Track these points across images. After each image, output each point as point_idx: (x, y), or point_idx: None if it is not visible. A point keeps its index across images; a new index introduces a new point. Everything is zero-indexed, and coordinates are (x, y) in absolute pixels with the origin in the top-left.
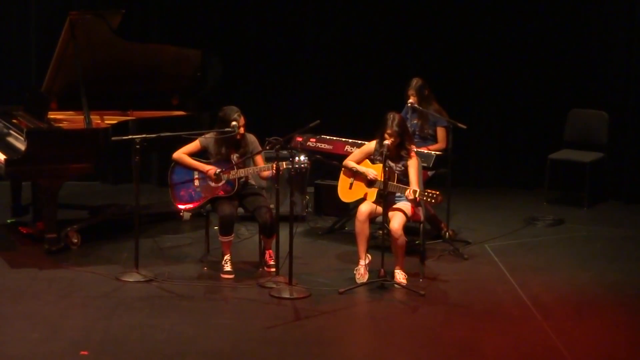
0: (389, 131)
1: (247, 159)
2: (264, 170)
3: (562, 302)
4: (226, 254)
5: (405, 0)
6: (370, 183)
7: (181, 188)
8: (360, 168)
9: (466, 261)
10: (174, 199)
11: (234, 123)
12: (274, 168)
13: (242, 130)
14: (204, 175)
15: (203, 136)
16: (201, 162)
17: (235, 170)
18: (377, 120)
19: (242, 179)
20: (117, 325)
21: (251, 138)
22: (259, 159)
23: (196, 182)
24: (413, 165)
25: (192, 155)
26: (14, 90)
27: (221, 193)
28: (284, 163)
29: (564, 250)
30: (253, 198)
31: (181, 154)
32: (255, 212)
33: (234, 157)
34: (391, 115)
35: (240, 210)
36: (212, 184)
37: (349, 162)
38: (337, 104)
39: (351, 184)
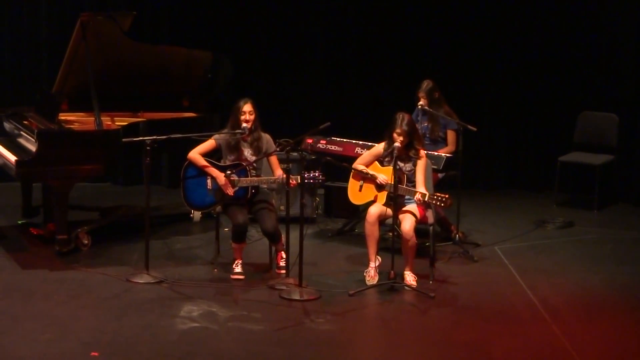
0: (398, 130)
1: (260, 159)
2: (276, 182)
3: (572, 304)
4: (237, 259)
5: (416, 3)
6: (380, 187)
7: (194, 189)
8: (370, 172)
9: (476, 263)
10: (185, 200)
11: (244, 125)
12: (284, 179)
13: (247, 117)
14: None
15: (218, 134)
16: (215, 164)
17: (249, 178)
18: (387, 122)
19: (254, 187)
20: (127, 326)
21: (266, 137)
22: (274, 159)
23: (209, 185)
24: (421, 166)
25: (208, 154)
26: (25, 91)
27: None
28: (298, 177)
29: (573, 252)
30: (259, 204)
31: (196, 154)
32: (258, 220)
33: (248, 153)
34: (400, 115)
35: None
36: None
37: (358, 165)
38: (348, 106)
39: (361, 187)
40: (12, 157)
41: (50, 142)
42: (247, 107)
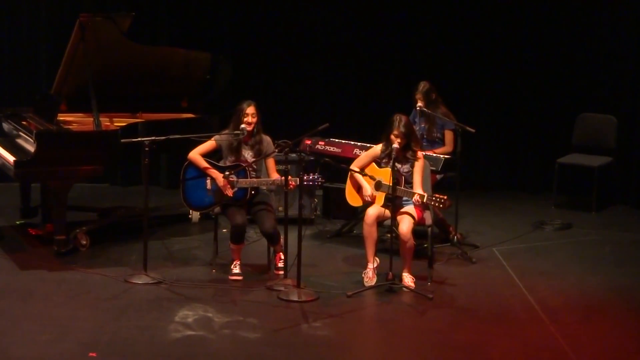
0: (395, 132)
1: (259, 161)
2: (275, 184)
3: (570, 306)
4: (236, 260)
5: (415, 5)
6: (377, 187)
7: (193, 190)
8: (361, 181)
9: (474, 265)
10: (185, 200)
11: (242, 126)
12: (283, 181)
13: (250, 119)
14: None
15: (218, 135)
16: (215, 165)
17: (248, 178)
18: (385, 123)
19: (253, 189)
20: (125, 327)
21: (267, 139)
22: (272, 163)
23: (208, 185)
24: (418, 168)
25: (208, 154)
26: (24, 91)
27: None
28: (297, 179)
29: (572, 254)
30: (258, 206)
31: (196, 154)
32: (257, 220)
33: (248, 155)
34: (397, 117)
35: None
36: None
37: (355, 167)
38: (346, 107)
39: (359, 188)
40: (10, 158)
41: (48, 142)
42: (250, 110)
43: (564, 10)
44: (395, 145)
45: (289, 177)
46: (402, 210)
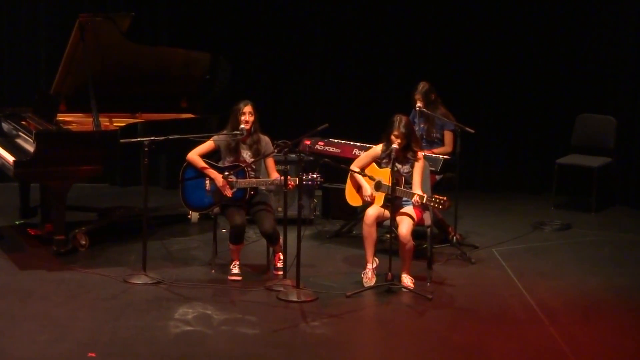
0: (395, 132)
1: (258, 161)
2: (274, 184)
3: (569, 306)
4: (235, 260)
5: (414, 5)
6: (377, 187)
7: (192, 190)
8: (361, 181)
9: (473, 265)
10: (184, 201)
11: (242, 126)
12: (282, 181)
13: (247, 117)
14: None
15: (217, 135)
16: (214, 165)
17: (247, 179)
18: (385, 124)
19: (252, 189)
20: (124, 327)
21: (265, 139)
22: (271, 163)
23: (207, 186)
24: (418, 168)
25: (207, 155)
26: (23, 91)
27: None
28: (297, 178)
29: (571, 255)
30: (258, 206)
31: (195, 155)
32: (256, 221)
33: (247, 155)
34: (398, 117)
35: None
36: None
37: (355, 167)
38: (346, 108)
39: (359, 188)
40: (10, 158)
41: (48, 142)
42: (247, 109)
43: (564, 10)
44: (395, 145)
45: (288, 177)
46: (402, 210)
